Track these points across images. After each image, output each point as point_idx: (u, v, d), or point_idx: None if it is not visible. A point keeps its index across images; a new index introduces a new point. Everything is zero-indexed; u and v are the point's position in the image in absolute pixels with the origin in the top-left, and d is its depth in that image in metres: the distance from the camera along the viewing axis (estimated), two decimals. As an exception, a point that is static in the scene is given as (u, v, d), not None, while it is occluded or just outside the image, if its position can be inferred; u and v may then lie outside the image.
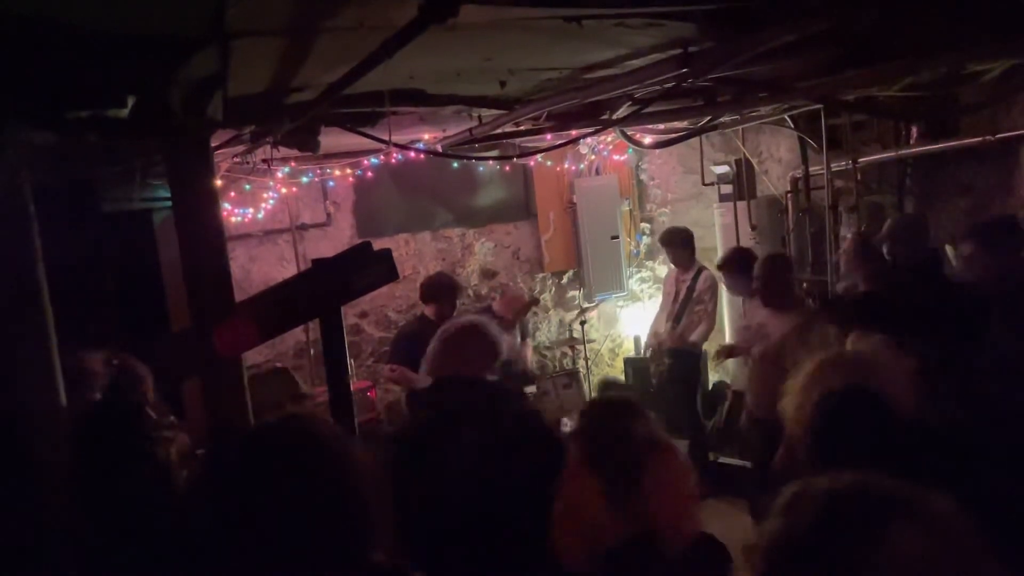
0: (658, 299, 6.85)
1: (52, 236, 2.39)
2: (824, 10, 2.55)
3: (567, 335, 7.59)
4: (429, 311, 5.19)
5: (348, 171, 6.27)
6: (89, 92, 2.30)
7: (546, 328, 7.70)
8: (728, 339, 6.11)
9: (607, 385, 6.71)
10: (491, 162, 6.66)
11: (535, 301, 6.76)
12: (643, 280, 7.94)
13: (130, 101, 2.37)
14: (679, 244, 6.03)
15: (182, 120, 2.62)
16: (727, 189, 6.41)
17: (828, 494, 1.00)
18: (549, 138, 5.31)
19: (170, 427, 3.21)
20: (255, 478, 1.45)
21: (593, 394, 6.85)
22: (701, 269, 5.97)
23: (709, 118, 4.96)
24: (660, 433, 1.97)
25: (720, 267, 5.18)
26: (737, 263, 4.93)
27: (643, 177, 7.86)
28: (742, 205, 6.24)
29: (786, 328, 4.23)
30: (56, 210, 2.74)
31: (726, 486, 5.31)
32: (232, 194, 6.06)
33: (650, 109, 4.25)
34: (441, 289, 5.18)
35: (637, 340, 7.23)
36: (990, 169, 4.77)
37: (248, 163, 5.31)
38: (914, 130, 5.16)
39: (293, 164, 5.80)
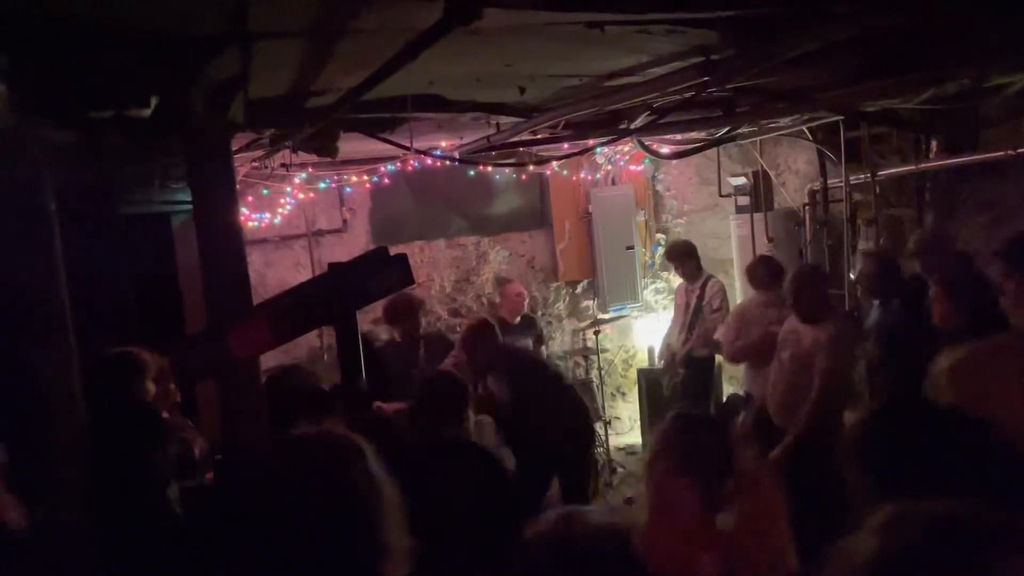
0: (671, 310, 6.82)
1: (71, 237, 2.40)
2: (848, 17, 2.52)
3: (581, 345, 7.55)
4: (396, 332, 5.27)
5: (365, 178, 6.28)
6: (112, 91, 2.31)
7: (560, 337, 7.67)
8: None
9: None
10: (507, 170, 6.64)
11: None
12: (658, 291, 7.90)
13: (153, 101, 2.38)
14: (684, 257, 6.07)
15: (204, 121, 2.63)
16: (744, 201, 6.39)
17: (936, 518, 0.96)
18: (566, 147, 5.30)
19: (181, 428, 3.22)
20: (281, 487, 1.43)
21: (607, 407, 6.81)
22: (709, 278, 6.00)
23: (727, 129, 4.94)
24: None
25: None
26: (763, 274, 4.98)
27: (659, 187, 7.83)
28: (759, 217, 6.22)
29: (819, 336, 4.16)
30: (76, 211, 2.75)
31: None
32: (249, 199, 6.08)
33: (668, 119, 4.23)
34: (404, 311, 5.23)
35: (651, 351, 7.19)
36: (1012, 184, 4.71)
37: (266, 168, 5.33)
38: (934, 144, 5.11)
39: (310, 170, 5.82)
